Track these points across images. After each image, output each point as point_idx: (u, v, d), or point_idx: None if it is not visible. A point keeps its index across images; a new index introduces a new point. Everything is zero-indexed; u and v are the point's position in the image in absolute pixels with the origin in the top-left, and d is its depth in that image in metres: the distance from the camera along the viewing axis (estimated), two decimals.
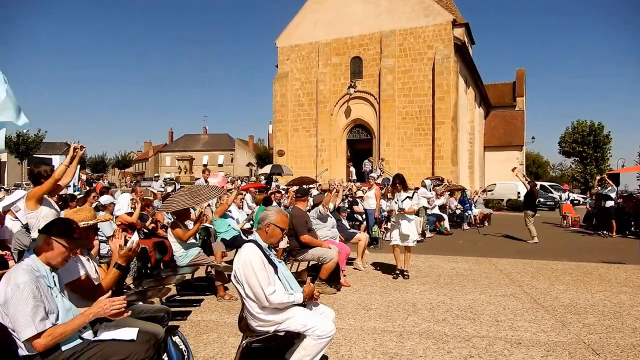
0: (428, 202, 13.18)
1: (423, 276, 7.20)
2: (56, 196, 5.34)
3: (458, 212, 15.84)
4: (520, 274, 7.45)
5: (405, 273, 7.05)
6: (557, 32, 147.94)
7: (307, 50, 27.19)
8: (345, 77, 26.12)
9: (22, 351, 2.47)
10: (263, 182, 20.63)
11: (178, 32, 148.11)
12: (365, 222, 11.40)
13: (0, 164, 41.63)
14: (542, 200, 25.18)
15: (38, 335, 2.40)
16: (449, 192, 16.32)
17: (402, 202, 6.95)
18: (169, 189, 13.80)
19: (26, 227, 5.92)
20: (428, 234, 12.43)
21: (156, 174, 27.78)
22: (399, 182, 7.17)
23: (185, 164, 32.68)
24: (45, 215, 4.04)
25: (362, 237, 7.91)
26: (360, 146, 26.82)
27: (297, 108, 27.59)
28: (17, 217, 5.94)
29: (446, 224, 13.80)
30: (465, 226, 15.19)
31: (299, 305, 3.29)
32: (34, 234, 4.14)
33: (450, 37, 23.76)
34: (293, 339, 3.60)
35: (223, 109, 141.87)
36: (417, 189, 15.01)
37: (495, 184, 27.44)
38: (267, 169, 24.31)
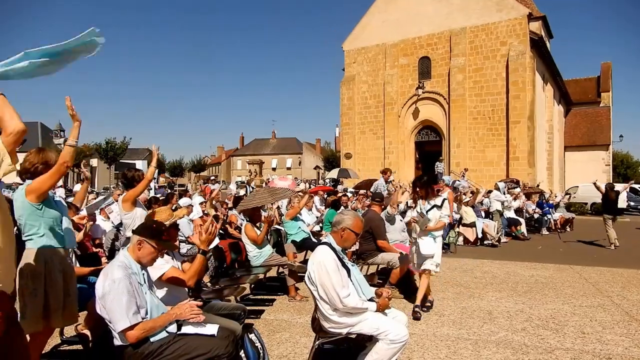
0: (503, 204, 12.59)
1: (499, 283, 6.88)
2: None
3: (536, 216, 14.95)
4: (608, 283, 6.88)
5: (418, 309, 5.12)
6: None
7: (374, 53, 27.06)
8: (413, 78, 25.67)
9: (117, 341, 2.69)
10: (330, 185, 20.81)
11: (249, 38, 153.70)
12: None
13: (92, 169, 45.46)
14: (632, 204, 23.01)
15: (131, 328, 2.61)
16: (525, 195, 15.46)
17: (427, 212, 5.35)
18: (242, 192, 14.34)
19: (117, 227, 6.45)
20: (503, 239, 11.86)
21: (212, 177, 28.88)
22: (420, 187, 5.52)
23: (256, 167, 33.72)
24: (139, 216, 4.39)
25: None
26: (430, 148, 26.19)
27: (364, 110, 27.52)
28: (108, 218, 6.46)
29: (523, 228, 13.08)
30: (545, 231, 14.31)
31: None
32: (128, 234, 4.50)
33: (525, 31, 22.54)
34: (365, 341, 3.60)
35: (291, 113, 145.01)
36: (489, 191, 14.45)
37: (577, 187, 25.55)
38: (334, 172, 24.44)
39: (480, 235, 11.26)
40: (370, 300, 3.35)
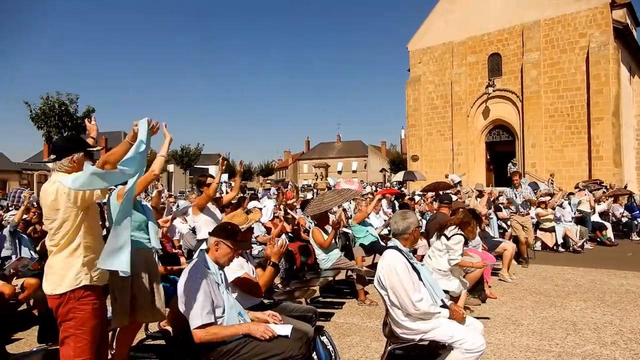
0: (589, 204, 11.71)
1: (583, 292, 6.41)
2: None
3: (624, 220, 13.75)
4: None
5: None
6: None
7: (440, 52, 26.37)
8: (482, 76, 24.67)
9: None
10: (396, 187, 20.53)
11: (314, 42, 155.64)
12: (509, 230, 10.57)
13: (169, 174, 48.33)
14: None
15: (202, 327, 2.72)
16: (612, 198, 14.29)
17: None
18: (309, 195, 14.54)
19: (193, 230, 6.81)
20: (587, 245, 11.03)
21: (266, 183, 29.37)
22: (439, 229, 4.89)
23: (321, 170, 34.08)
24: (204, 221, 4.64)
25: (508, 246, 7.35)
26: (501, 148, 25.00)
27: (431, 111, 26.86)
28: (186, 221, 6.83)
29: (609, 233, 12.07)
30: (635, 236, 13.10)
31: None
32: (200, 236, 4.75)
33: (608, 21, 20.87)
34: (438, 349, 3.51)
35: (356, 117, 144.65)
36: (571, 194, 13.52)
37: None
38: (399, 176, 24.05)
39: (561, 241, 10.56)
40: (444, 306, 3.27)
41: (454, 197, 8.73)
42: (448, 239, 4.73)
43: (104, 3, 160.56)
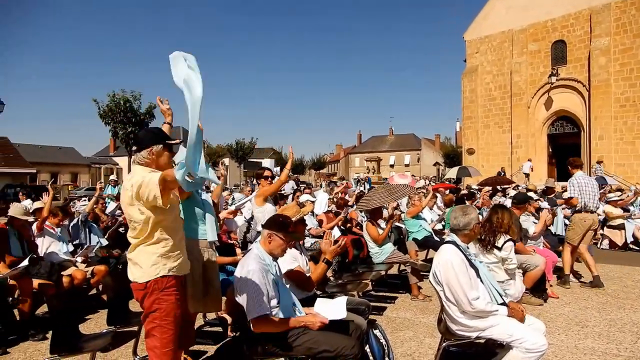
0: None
1: None
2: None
3: None
4: None
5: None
6: None
7: (498, 40, 25.27)
8: (544, 65, 23.41)
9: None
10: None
11: (362, 33, 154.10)
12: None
13: (225, 167, 49.82)
14: None
15: (258, 318, 2.77)
16: None
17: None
18: (363, 187, 14.49)
19: (248, 221, 6.99)
20: None
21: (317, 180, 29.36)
22: (487, 233, 4.50)
23: (373, 164, 33.90)
24: (270, 211, 4.73)
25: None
26: (564, 140, 23.66)
27: (489, 103, 25.86)
28: (241, 213, 7.03)
29: None
30: None
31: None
32: (259, 228, 4.86)
33: None
34: (495, 347, 3.40)
35: (408, 109, 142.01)
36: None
37: None
38: (453, 172, 23.32)
39: (631, 239, 9.87)
40: (503, 304, 3.16)
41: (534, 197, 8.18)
42: (500, 249, 4.48)
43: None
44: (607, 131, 21.10)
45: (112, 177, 14.19)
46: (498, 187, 14.09)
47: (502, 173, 21.07)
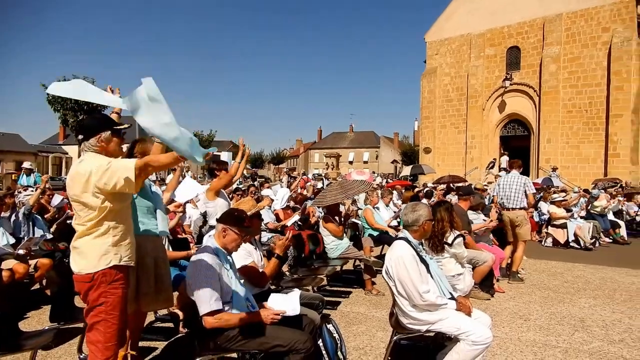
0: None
1: (593, 289, 6.34)
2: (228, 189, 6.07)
3: (639, 218, 13.54)
4: None
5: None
6: None
7: (458, 43, 25.99)
8: (500, 69, 24.30)
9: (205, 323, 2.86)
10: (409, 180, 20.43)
11: (327, 32, 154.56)
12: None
13: None
14: None
15: (211, 313, 2.73)
16: (626, 196, 14.07)
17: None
18: (319, 184, 14.54)
19: (204, 215, 6.85)
20: (600, 242, 10.88)
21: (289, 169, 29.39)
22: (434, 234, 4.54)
23: (333, 160, 34.01)
24: (221, 205, 4.62)
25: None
26: (516, 143, 24.67)
27: (446, 104, 26.58)
28: (197, 206, 6.88)
29: (623, 231, 11.90)
30: None
31: None
32: (212, 222, 4.76)
33: (633, 15, 20.31)
34: (444, 340, 3.52)
35: (369, 107, 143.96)
36: (586, 191, 13.35)
37: None
38: (407, 170, 23.87)
39: (572, 238, 10.44)
40: (451, 298, 3.26)
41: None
42: (451, 245, 4.67)
43: None
44: (554, 135, 22.20)
45: (25, 164, 13.02)
46: (452, 185, 14.52)
47: (492, 163, 21.36)
